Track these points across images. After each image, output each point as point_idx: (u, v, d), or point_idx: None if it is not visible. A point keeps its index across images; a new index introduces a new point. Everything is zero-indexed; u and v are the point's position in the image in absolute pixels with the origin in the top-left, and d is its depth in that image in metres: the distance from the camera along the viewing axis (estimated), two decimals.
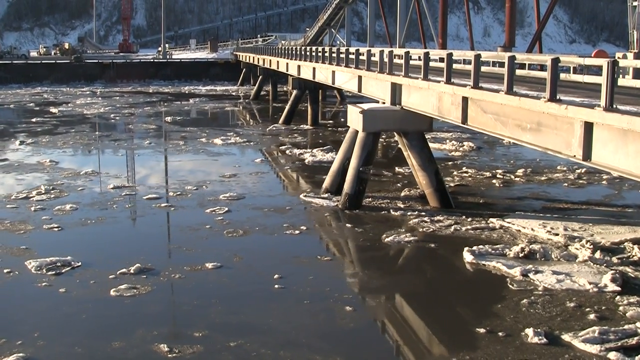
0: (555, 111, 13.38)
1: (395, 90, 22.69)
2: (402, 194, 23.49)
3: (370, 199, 22.49)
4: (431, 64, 20.85)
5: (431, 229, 19.12)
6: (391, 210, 21.22)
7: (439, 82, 18.95)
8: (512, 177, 27.06)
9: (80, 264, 16.10)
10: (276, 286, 14.78)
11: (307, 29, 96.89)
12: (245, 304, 13.96)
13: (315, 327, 12.81)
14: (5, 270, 15.79)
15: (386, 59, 23.68)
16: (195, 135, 39.30)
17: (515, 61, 15.63)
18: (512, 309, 13.44)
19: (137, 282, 14.95)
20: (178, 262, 16.37)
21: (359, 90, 27.77)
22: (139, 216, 21.09)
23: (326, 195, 23.32)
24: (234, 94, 71.76)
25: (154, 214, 21.23)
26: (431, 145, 34.72)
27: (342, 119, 41.95)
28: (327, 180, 24.19)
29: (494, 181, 26.14)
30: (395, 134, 24.02)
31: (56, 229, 19.27)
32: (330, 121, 47.84)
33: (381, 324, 13.30)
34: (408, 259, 17.36)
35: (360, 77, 27.53)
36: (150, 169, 29.48)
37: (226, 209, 21.38)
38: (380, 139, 26.12)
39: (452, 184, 25.59)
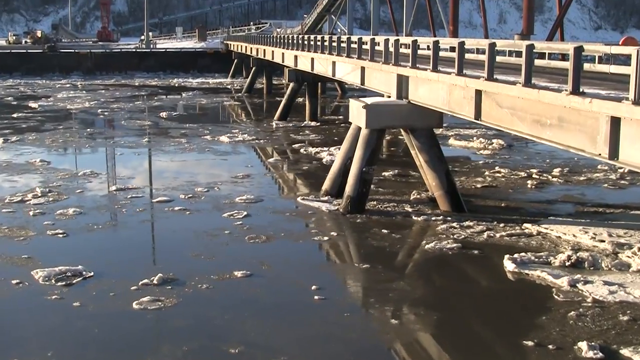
0: (579, 105, 13.24)
1: (402, 82, 22.67)
2: (411, 197, 23.39)
3: (374, 202, 22.52)
4: (441, 53, 20.85)
5: (462, 236, 19.13)
6: (400, 215, 21.25)
7: (449, 73, 18.93)
8: (550, 177, 27.04)
9: (92, 274, 16.04)
10: (316, 297, 14.81)
11: (305, 15, 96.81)
12: (283, 316, 13.99)
13: (361, 342, 12.89)
14: (12, 281, 15.61)
15: (391, 49, 23.61)
16: (196, 132, 39.48)
17: (534, 50, 15.50)
18: (560, 322, 13.50)
19: (161, 294, 14.85)
20: (203, 270, 16.38)
21: (362, 82, 27.75)
22: (150, 221, 21.13)
23: (326, 198, 23.32)
24: (228, 87, 71.93)
25: (166, 218, 21.30)
26: (457, 143, 35.43)
27: (346, 114, 41.96)
28: (327, 182, 24.19)
29: (528, 182, 26.11)
30: (401, 130, 23.96)
31: (61, 235, 19.29)
32: (339, 117, 47.76)
33: (427, 337, 13.35)
34: (445, 268, 17.36)
35: (363, 69, 27.51)
36: (154, 169, 29.51)
37: (244, 212, 21.49)
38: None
39: (478, 185, 25.61)
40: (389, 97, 23.62)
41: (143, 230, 20.32)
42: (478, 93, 17.42)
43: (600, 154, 12.98)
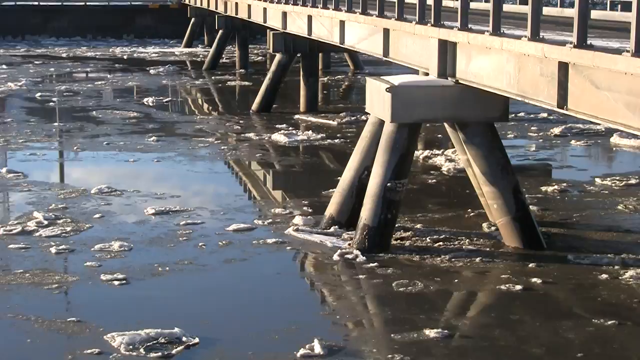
0: None
1: (446, 52, 22.76)
2: (472, 228, 23.63)
3: (406, 233, 22.98)
4: (506, 7, 21.37)
5: None
6: (465, 257, 21.34)
7: (519, 38, 18.98)
8: None
9: (197, 340, 16.29)
10: None
11: None
12: None
13: None
14: (86, 351, 15.88)
15: (430, 1, 23.91)
16: (223, 127, 40.30)
17: None
18: None
19: None
20: (367, 332, 17.44)
21: (386, 53, 28.12)
22: (241, 260, 21.60)
23: (332, 229, 23.42)
24: (183, 59, 72.78)
25: (258, 254, 21.90)
26: (624, 142, 35.64)
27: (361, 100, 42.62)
28: (333, 204, 24.18)
29: None
30: (445, 125, 24.08)
31: (117, 283, 19.69)
32: (349, 104, 48.19)
33: None
34: None
35: (386, 32, 27.80)
36: (195, 183, 30.30)
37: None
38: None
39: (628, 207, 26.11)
40: (427, 74, 23.83)
41: (238, 273, 21.01)
42: (563, 67, 17.35)
43: None
